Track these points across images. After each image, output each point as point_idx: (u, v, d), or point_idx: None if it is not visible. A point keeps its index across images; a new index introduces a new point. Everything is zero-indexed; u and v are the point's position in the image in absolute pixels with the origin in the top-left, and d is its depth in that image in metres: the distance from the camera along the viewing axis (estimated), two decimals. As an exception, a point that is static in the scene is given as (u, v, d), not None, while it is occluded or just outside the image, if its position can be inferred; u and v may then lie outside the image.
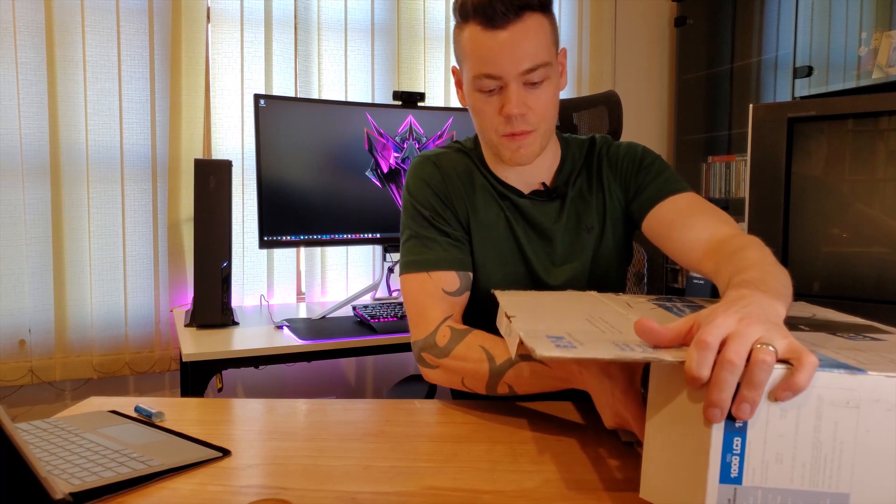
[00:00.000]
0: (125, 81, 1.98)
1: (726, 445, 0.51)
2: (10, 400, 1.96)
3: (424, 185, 1.04)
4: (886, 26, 2.01)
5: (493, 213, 1.04)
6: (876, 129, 1.74)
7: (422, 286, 0.99)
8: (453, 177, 1.05)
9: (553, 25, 0.95)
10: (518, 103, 0.92)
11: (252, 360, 1.54)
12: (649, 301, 0.80)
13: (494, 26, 0.89)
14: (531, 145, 0.96)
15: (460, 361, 0.91)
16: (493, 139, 0.98)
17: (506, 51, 0.90)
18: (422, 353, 0.96)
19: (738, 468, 0.51)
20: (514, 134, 0.95)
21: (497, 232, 1.04)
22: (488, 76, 0.92)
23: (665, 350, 0.53)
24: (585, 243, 1.05)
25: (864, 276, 1.76)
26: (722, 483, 0.51)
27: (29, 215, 1.90)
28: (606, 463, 0.72)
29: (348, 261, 2.29)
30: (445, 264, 0.99)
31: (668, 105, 2.97)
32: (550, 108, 0.96)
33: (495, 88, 0.93)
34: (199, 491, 0.65)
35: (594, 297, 0.83)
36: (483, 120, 0.97)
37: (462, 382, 0.92)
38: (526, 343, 0.54)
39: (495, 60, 0.90)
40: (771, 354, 0.48)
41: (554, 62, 0.95)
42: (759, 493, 0.51)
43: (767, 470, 0.51)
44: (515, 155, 0.97)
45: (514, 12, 0.89)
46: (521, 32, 0.89)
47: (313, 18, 2.22)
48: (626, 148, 1.08)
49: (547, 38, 0.93)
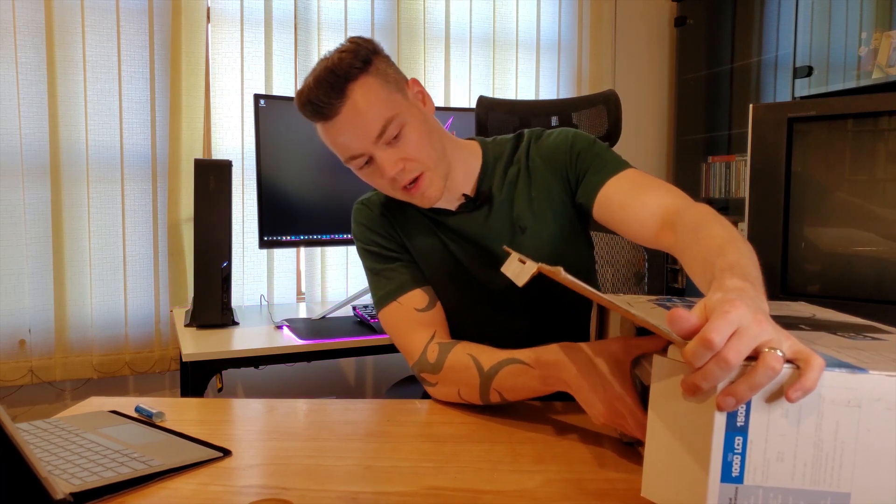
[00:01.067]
0: (125, 81, 1.98)
1: (728, 444, 0.51)
2: (10, 400, 1.96)
3: (364, 228, 1.07)
4: (886, 26, 2.01)
5: (429, 240, 1.05)
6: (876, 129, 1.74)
7: (396, 315, 1.01)
8: (385, 214, 1.07)
9: (382, 77, 0.94)
10: (390, 165, 0.92)
11: (252, 360, 1.54)
12: (649, 301, 0.80)
13: (328, 118, 0.91)
14: (431, 185, 0.96)
15: (453, 372, 0.92)
16: (399, 196, 0.98)
17: (350, 131, 0.91)
18: (421, 374, 0.97)
19: (740, 467, 0.51)
20: (408, 186, 0.95)
21: (436, 256, 1.05)
22: (353, 157, 0.93)
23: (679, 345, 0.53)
24: (520, 243, 1.03)
25: (864, 276, 1.76)
26: (723, 482, 0.51)
27: (29, 215, 1.90)
28: (606, 463, 0.72)
29: (348, 261, 2.30)
30: (407, 286, 1.02)
31: (668, 105, 2.97)
32: (425, 146, 0.95)
33: (368, 160, 0.94)
34: (200, 491, 0.65)
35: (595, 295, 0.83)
36: (379, 187, 0.99)
37: (458, 394, 0.92)
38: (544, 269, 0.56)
39: (348, 143, 0.92)
40: (780, 361, 0.48)
41: (402, 106, 0.94)
42: (760, 492, 0.51)
43: (769, 469, 0.51)
44: (423, 200, 0.98)
45: (336, 97, 0.89)
46: (352, 110, 0.90)
47: (313, 18, 2.22)
48: (555, 137, 1.05)
49: (380, 95, 0.92)
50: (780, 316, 0.76)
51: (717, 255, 0.64)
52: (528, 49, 2.58)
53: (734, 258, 0.63)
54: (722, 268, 0.61)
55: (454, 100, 2.43)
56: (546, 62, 2.62)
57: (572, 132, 1.04)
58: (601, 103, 1.55)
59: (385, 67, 0.95)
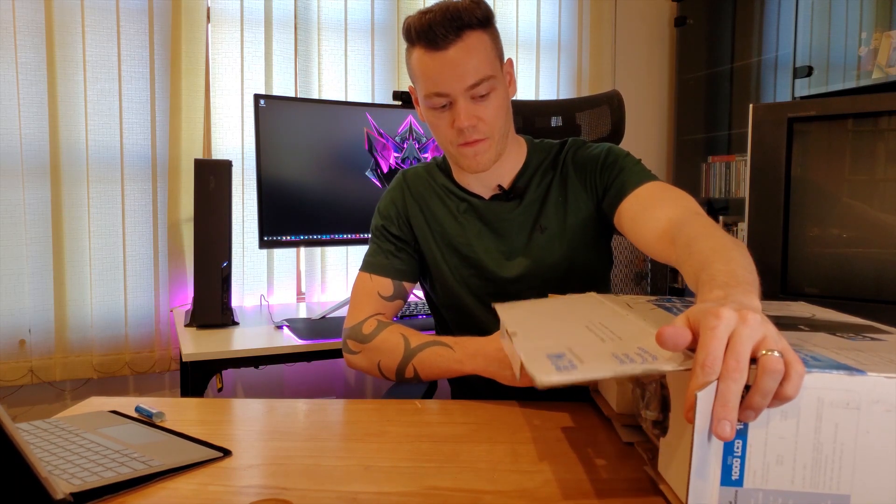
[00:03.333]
0: (125, 81, 1.98)
1: (727, 448, 0.51)
2: (10, 400, 1.96)
3: (390, 202, 1.15)
4: (886, 26, 2.01)
5: (450, 216, 1.12)
6: (876, 129, 1.74)
7: (363, 285, 1.12)
8: (415, 192, 1.14)
9: (495, 39, 1.00)
10: (467, 116, 0.97)
11: (252, 360, 1.54)
12: (649, 301, 0.80)
13: (437, 48, 0.95)
14: (486, 152, 1.02)
15: (379, 346, 1.02)
16: (450, 150, 1.04)
17: (450, 70, 0.96)
18: (347, 340, 1.07)
19: (739, 470, 0.51)
20: (468, 143, 1.00)
21: (458, 240, 1.11)
22: (437, 94, 0.98)
23: (664, 360, 0.52)
24: (537, 242, 1.08)
25: (864, 276, 1.76)
26: (723, 485, 0.51)
27: (29, 215, 1.90)
28: (607, 463, 0.72)
29: (348, 261, 2.29)
30: (386, 272, 1.11)
31: (668, 105, 2.97)
32: (500, 117, 1.01)
33: (446, 104, 0.98)
34: (200, 491, 0.66)
35: (594, 298, 0.83)
36: (439, 134, 1.04)
37: (378, 367, 1.02)
38: (527, 368, 0.53)
39: (441, 80, 0.96)
40: (779, 362, 0.48)
41: (499, 74, 1.00)
42: (759, 494, 0.51)
43: (768, 472, 0.51)
44: (473, 162, 1.02)
45: (454, 33, 0.94)
46: (462, 51, 0.95)
47: (313, 18, 2.22)
48: (592, 149, 1.10)
49: (489, 53, 0.98)
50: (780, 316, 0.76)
51: (702, 270, 0.65)
52: (528, 49, 2.58)
53: (719, 267, 0.63)
54: (704, 281, 0.62)
55: (454, 100, 2.42)
56: (546, 62, 2.62)
57: (609, 146, 1.09)
58: (605, 103, 1.55)
59: (497, 35, 1.02)
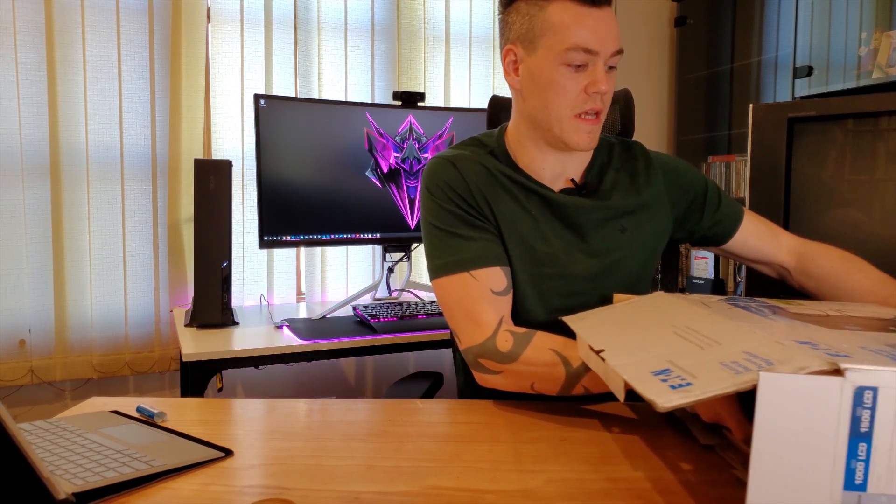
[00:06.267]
0: (125, 81, 1.98)
1: (851, 451, 0.48)
2: (10, 400, 1.96)
3: (446, 185, 0.99)
4: (886, 26, 2.01)
5: (518, 208, 1.00)
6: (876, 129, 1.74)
7: (465, 288, 0.93)
8: (472, 177, 1.00)
9: None
10: (605, 82, 0.93)
11: (252, 360, 1.54)
12: (720, 301, 0.78)
13: (594, 4, 0.92)
14: (598, 131, 0.98)
15: (531, 366, 0.88)
16: (563, 121, 0.95)
17: (604, 28, 0.92)
18: (479, 360, 0.91)
19: (864, 474, 0.49)
20: (587, 115, 0.95)
21: (524, 225, 1.00)
22: (585, 50, 0.91)
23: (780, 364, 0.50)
24: (617, 242, 1.03)
25: (865, 275, 1.75)
26: (846, 490, 0.49)
27: (29, 215, 1.89)
28: (609, 463, 0.72)
29: (348, 261, 2.29)
30: (487, 261, 0.95)
31: (668, 105, 2.97)
32: (611, 98, 0.99)
33: (582, 64, 0.93)
34: (202, 491, 0.65)
35: (664, 299, 0.81)
36: (562, 96, 0.94)
37: (532, 386, 0.89)
38: (639, 391, 0.52)
39: (594, 36, 0.91)
40: None
41: None
42: (884, 500, 0.49)
43: (893, 476, 0.48)
44: (587, 138, 0.96)
45: None
46: (612, 16, 0.93)
47: (313, 18, 2.21)
48: (684, 170, 1.13)
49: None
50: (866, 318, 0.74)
51: None
52: (528, 49, 2.57)
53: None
54: None
55: (454, 100, 2.42)
56: (546, 62, 2.62)
57: (693, 168, 1.16)
58: (615, 102, 1.54)
59: None
